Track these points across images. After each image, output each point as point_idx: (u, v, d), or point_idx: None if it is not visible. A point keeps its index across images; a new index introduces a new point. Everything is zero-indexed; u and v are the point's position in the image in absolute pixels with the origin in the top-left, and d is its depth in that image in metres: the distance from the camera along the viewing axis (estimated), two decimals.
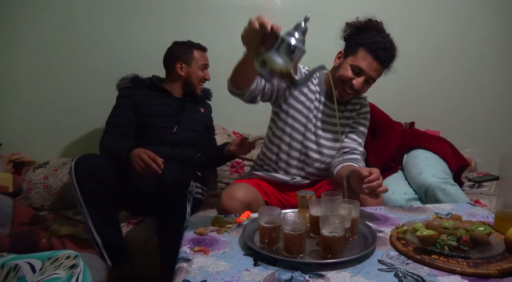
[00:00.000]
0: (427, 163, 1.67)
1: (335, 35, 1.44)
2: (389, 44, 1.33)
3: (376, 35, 1.33)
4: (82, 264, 0.89)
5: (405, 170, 1.79)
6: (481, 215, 1.17)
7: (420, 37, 2.36)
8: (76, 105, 2.11)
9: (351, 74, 1.35)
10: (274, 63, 0.91)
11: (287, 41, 0.92)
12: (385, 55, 1.33)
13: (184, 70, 1.75)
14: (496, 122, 2.50)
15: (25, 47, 2.04)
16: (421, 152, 1.77)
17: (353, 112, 1.49)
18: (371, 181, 1.09)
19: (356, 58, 1.34)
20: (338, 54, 1.43)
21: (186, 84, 1.79)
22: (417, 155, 1.76)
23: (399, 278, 0.79)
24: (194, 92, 1.81)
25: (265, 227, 0.92)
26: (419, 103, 2.42)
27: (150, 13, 2.12)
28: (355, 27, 1.38)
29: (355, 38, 1.36)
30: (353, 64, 1.34)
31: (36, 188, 1.85)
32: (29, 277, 0.85)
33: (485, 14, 2.41)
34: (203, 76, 1.79)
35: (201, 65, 1.77)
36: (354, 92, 1.39)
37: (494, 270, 0.79)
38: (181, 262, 0.88)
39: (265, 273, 0.82)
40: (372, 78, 1.37)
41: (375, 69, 1.34)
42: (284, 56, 0.92)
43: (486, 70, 2.48)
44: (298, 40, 0.94)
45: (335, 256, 0.86)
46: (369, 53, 1.32)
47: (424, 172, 1.61)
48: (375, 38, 1.32)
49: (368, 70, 1.33)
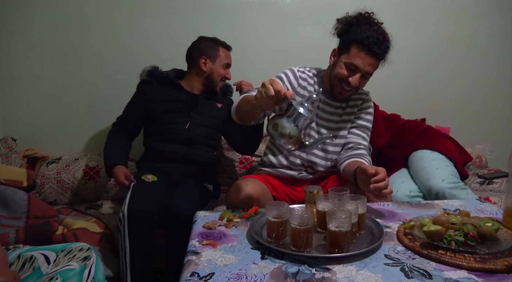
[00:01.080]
0: (434, 166, 1.64)
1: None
2: (381, 36, 1.31)
3: (368, 29, 1.30)
4: (95, 256, 0.91)
5: (412, 170, 1.76)
6: (490, 211, 1.16)
7: (429, 33, 2.34)
8: (87, 102, 2.15)
9: (347, 72, 1.34)
10: (284, 128, 1.02)
11: (297, 111, 1.02)
12: (379, 49, 1.30)
13: (207, 66, 1.75)
14: (507, 119, 2.46)
15: (38, 44, 2.08)
16: (426, 153, 1.74)
17: (355, 108, 1.49)
18: (378, 180, 1.08)
19: (349, 55, 1.33)
20: (333, 52, 1.43)
21: (206, 81, 1.78)
22: (422, 157, 1.73)
23: (405, 273, 0.79)
24: (213, 89, 1.81)
25: (272, 221, 0.94)
26: (429, 100, 2.40)
27: (160, 10, 2.14)
28: (346, 23, 1.36)
29: (347, 34, 1.35)
30: (347, 62, 1.33)
31: (49, 182, 1.89)
32: (44, 268, 0.88)
33: (495, 9, 2.36)
34: (225, 74, 1.79)
35: (225, 64, 1.78)
36: (352, 89, 1.38)
37: (501, 265, 0.79)
38: (190, 255, 0.90)
39: (272, 266, 0.84)
40: (369, 73, 1.36)
41: (370, 64, 1.33)
42: (293, 123, 1.02)
43: (496, 66, 2.44)
44: (308, 110, 1.03)
45: (342, 251, 0.86)
46: (362, 49, 1.30)
47: (433, 178, 1.58)
48: (366, 33, 1.29)
49: (363, 67, 1.32)
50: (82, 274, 0.86)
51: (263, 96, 0.98)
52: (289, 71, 1.46)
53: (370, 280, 0.77)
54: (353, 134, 1.47)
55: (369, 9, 1.38)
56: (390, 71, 1.55)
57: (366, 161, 1.37)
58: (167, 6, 2.14)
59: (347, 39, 1.34)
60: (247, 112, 1.19)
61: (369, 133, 1.50)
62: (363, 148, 1.44)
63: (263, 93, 0.98)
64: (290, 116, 1.02)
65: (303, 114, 1.01)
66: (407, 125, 1.96)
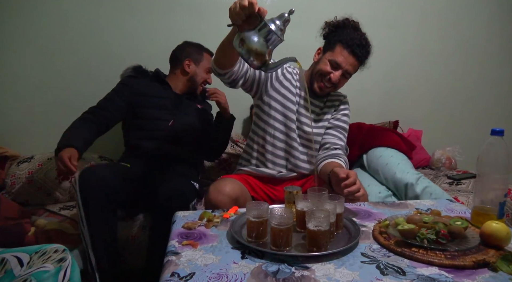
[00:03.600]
0: (395, 161, 1.79)
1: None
2: (364, 41, 1.42)
3: (353, 33, 1.41)
4: (70, 257, 0.89)
5: (371, 169, 1.87)
6: (459, 210, 1.22)
7: (405, 38, 2.42)
8: (65, 99, 2.08)
9: (329, 69, 1.43)
10: (251, 42, 0.98)
11: (268, 26, 0.98)
12: (361, 51, 1.41)
13: (191, 68, 1.80)
14: (475, 123, 2.58)
15: (13, 40, 2.00)
16: (382, 150, 1.88)
17: (332, 109, 1.56)
18: (348, 185, 1.14)
19: (333, 53, 1.42)
20: (318, 50, 1.52)
21: (188, 82, 1.83)
22: (380, 155, 1.86)
23: (381, 270, 0.82)
24: (194, 91, 1.85)
25: (253, 221, 0.94)
26: (403, 104, 2.48)
27: (143, 10, 2.11)
28: (333, 25, 1.46)
29: (333, 35, 1.44)
30: (331, 59, 1.42)
31: (20, 182, 1.82)
32: (17, 271, 0.85)
33: (469, 16, 2.48)
34: (207, 78, 1.85)
35: (208, 68, 1.83)
36: (332, 85, 1.46)
37: (469, 262, 0.83)
38: (170, 255, 0.89)
39: (252, 265, 0.84)
40: (349, 73, 1.45)
41: (351, 64, 1.42)
42: (262, 39, 0.98)
43: (468, 72, 2.55)
44: (279, 28, 1.00)
45: (320, 249, 0.88)
46: (346, 48, 1.40)
47: (398, 171, 1.74)
48: (352, 35, 1.41)
49: (345, 65, 1.42)
50: (57, 276, 0.84)
51: (236, 7, 0.98)
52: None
53: (348, 277, 0.79)
54: (329, 135, 1.52)
55: (346, 14, 1.46)
56: (364, 75, 1.61)
57: (342, 161, 1.41)
58: (150, 6, 2.11)
59: (333, 39, 1.44)
60: (222, 47, 1.21)
61: (346, 134, 1.56)
62: (339, 148, 1.48)
63: (237, 4, 0.98)
64: (260, 30, 0.99)
65: (274, 31, 0.98)
66: (351, 127, 1.99)
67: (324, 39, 1.50)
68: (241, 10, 0.97)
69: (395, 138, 1.99)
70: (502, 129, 1.02)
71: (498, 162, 1.02)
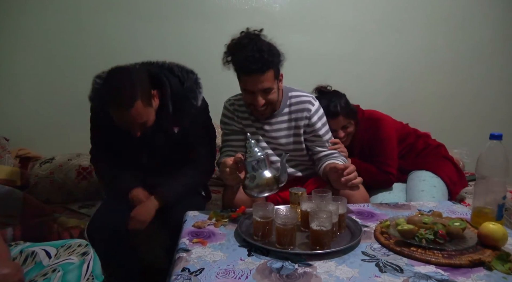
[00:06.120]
0: (431, 193, 1.59)
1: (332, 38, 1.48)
2: (257, 53, 1.25)
3: (240, 54, 1.28)
4: (92, 252, 0.97)
5: (408, 188, 1.72)
6: (461, 212, 1.25)
7: (412, 42, 2.44)
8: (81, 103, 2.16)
9: (249, 98, 1.36)
10: (261, 179, 1.15)
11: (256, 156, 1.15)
12: (257, 65, 1.26)
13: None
14: (483, 125, 2.57)
15: (30, 45, 2.11)
16: (428, 176, 1.69)
17: (300, 121, 1.45)
18: (349, 173, 1.17)
19: (241, 82, 1.35)
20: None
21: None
22: (424, 178, 1.68)
23: (380, 268, 0.87)
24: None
25: (259, 221, 1.00)
26: (410, 106, 2.49)
27: (152, 14, 2.19)
28: (226, 53, 1.34)
29: (231, 64, 1.34)
30: (243, 88, 1.36)
31: (42, 182, 1.92)
32: (45, 262, 0.93)
33: (477, 19, 2.48)
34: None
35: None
36: (265, 107, 1.37)
37: (465, 261, 0.87)
38: (181, 252, 0.96)
39: (258, 262, 0.90)
40: (267, 88, 1.32)
41: (260, 81, 1.29)
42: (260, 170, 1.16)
43: (476, 74, 2.55)
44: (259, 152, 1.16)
45: (323, 248, 0.93)
46: (245, 73, 1.30)
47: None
48: (240, 57, 1.28)
49: (255, 88, 1.30)
50: (81, 268, 0.92)
51: (225, 178, 1.20)
52: (224, 117, 1.52)
53: (347, 274, 0.84)
54: (319, 147, 1.48)
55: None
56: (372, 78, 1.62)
57: (339, 161, 1.43)
58: (159, 11, 2.19)
59: (234, 68, 1.35)
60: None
61: (329, 138, 1.51)
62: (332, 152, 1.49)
63: (224, 178, 1.21)
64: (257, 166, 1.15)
65: (260, 155, 1.15)
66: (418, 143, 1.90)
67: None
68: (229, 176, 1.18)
69: (451, 172, 1.75)
70: (501, 134, 1.05)
71: (497, 165, 1.06)
